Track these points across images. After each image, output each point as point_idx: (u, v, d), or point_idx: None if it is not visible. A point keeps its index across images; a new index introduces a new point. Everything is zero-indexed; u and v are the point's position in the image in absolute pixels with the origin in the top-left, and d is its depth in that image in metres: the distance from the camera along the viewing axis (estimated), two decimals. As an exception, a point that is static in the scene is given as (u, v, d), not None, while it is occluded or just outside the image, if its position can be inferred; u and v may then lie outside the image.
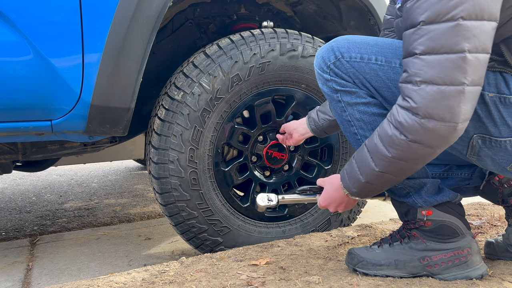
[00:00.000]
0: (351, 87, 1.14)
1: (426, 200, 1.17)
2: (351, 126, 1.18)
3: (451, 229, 1.17)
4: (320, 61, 1.18)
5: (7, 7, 1.28)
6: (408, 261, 1.19)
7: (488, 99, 1.03)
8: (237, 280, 1.24)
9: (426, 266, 1.18)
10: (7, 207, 2.78)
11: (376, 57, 1.12)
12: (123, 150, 2.84)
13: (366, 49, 1.13)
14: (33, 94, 1.34)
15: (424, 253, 1.18)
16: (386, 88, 1.12)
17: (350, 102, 1.15)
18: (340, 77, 1.15)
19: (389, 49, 1.13)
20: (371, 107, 1.14)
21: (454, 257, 1.16)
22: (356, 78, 1.13)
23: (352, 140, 1.21)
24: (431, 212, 1.17)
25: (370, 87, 1.13)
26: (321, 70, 1.18)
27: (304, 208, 1.77)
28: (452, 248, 1.16)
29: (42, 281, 1.62)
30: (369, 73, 1.12)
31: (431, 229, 1.18)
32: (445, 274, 1.16)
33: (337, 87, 1.16)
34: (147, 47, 1.43)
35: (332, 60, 1.15)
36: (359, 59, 1.13)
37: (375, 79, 1.12)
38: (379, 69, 1.12)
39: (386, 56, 1.12)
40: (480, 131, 1.06)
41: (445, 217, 1.17)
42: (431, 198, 1.17)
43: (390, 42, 1.15)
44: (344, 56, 1.13)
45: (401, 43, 1.11)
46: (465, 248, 1.16)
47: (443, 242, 1.17)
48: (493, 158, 1.09)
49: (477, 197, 2.07)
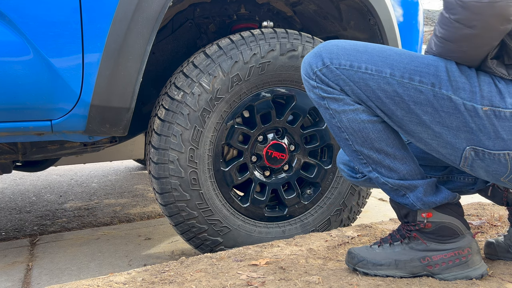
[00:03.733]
0: (337, 94, 1.12)
1: (424, 202, 1.17)
2: (342, 132, 1.16)
3: (451, 230, 1.17)
4: (307, 67, 1.15)
5: (7, 7, 1.28)
6: (408, 261, 1.18)
7: (481, 113, 1.02)
8: (237, 280, 1.24)
9: (427, 266, 1.18)
10: (7, 207, 2.78)
11: (366, 65, 1.09)
12: (123, 150, 2.84)
13: (356, 56, 1.10)
14: (33, 94, 1.34)
15: (425, 253, 1.18)
16: (376, 97, 1.10)
17: (338, 109, 1.14)
18: (326, 84, 1.13)
19: (379, 57, 1.10)
20: (360, 114, 1.12)
21: (455, 257, 1.16)
22: (346, 85, 1.11)
23: (344, 145, 1.19)
24: (431, 214, 1.17)
25: (360, 95, 1.11)
26: (307, 77, 1.16)
27: (304, 208, 1.78)
28: (452, 248, 1.17)
29: (42, 281, 1.62)
30: (358, 82, 1.10)
31: (431, 231, 1.18)
32: (446, 274, 1.16)
33: (323, 94, 1.14)
34: (147, 47, 1.43)
35: (320, 67, 1.12)
36: (348, 67, 1.10)
37: (364, 88, 1.10)
38: (369, 78, 1.09)
39: (377, 65, 1.09)
40: (473, 143, 1.05)
41: (445, 218, 1.17)
42: (429, 200, 1.17)
43: (380, 48, 1.12)
44: (333, 63, 1.11)
45: (391, 50, 1.11)
46: (465, 248, 1.16)
47: (443, 243, 1.17)
48: (487, 169, 1.08)
49: (477, 197, 2.07)
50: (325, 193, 1.80)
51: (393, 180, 1.16)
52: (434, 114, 1.05)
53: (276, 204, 1.81)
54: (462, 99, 1.03)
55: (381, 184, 1.19)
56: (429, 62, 1.07)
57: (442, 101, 1.04)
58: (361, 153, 1.16)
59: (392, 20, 1.84)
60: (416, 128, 1.09)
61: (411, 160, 1.17)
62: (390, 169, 1.16)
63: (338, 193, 1.80)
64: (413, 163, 1.17)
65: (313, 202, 1.79)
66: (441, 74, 1.05)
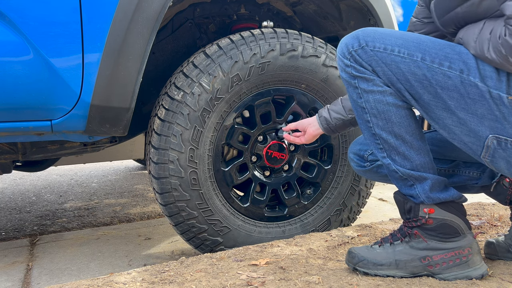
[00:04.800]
0: (369, 75, 1.17)
1: (429, 196, 1.18)
2: (365, 113, 1.20)
3: (453, 228, 1.18)
4: (343, 47, 1.20)
5: (7, 7, 1.28)
6: (409, 261, 1.19)
7: (506, 101, 1.04)
8: (237, 280, 1.24)
9: (427, 266, 1.19)
10: (7, 207, 2.78)
11: (399, 49, 1.13)
12: (123, 150, 2.84)
13: (391, 40, 1.15)
14: (33, 94, 1.34)
15: (425, 253, 1.19)
16: (405, 80, 1.13)
17: (367, 89, 1.18)
18: (359, 64, 1.17)
19: (412, 42, 1.14)
20: (386, 96, 1.16)
21: (455, 257, 1.17)
22: (378, 67, 1.15)
23: (364, 128, 1.22)
24: (433, 210, 1.18)
25: (391, 77, 1.15)
26: (342, 56, 1.20)
27: (304, 208, 1.78)
28: (453, 247, 1.17)
29: (42, 281, 1.62)
30: (390, 64, 1.14)
31: (432, 228, 1.19)
32: (446, 273, 1.17)
33: (355, 73, 1.18)
34: (147, 47, 1.43)
35: (355, 47, 1.17)
36: (382, 50, 1.15)
37: (395, 70, 1.14)
38: (400, 61, 1.13)
39: (409, 49, 1.13)
40: (496, 131, 1.07)
41: (446, 215, 1.18)
42: (434, 195, 1.18)
43: (416, 36, 1.16)
44: (368, 45, 1.15)
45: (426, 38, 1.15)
46: (466, 247, 1.17)
47: (444, 242, 1.18)
48: (508, 160, 1.09)
49: (477, 197, 2.07)
50: (325, 193, 1.80)
51: (404, 169, 1.18)
52: (460, 100, 1.08)
53: (276, 204, 1.81)
54: (488, 87, 1.05)
55: (392, 171, 1.21)
56: (460, 50, 1.10)
57: (469, 87, 1.07)
58: (379, 137, 1.19)
59: (392, 20, 1.85)
60: (441, 113, 1.12)
61: (426, 153, 1.19)
62: (404, 157, 1.18)
63: (338, 193, 1.80)
64: (427, 157, 1.19)
65: (313, 202, 1.79)
66: (470, 62, 1.07)
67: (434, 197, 1.18)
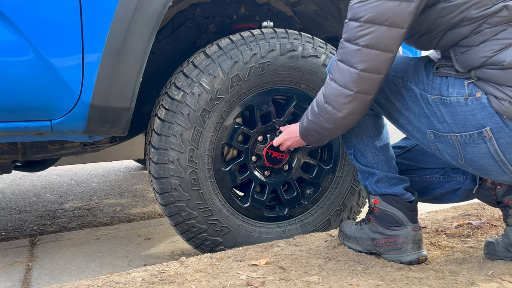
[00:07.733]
0: None
1: (373, 188, 1.41)
2: None
3: (393, 219, 1.37)
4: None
5: (7, 7, 1.28)
6: (364, 239, 1.44)
7: (431, 101, 1.22)
8: (237, 280, 1.24)
9: (376, 246, 1.41)
10: (7, 207, 2.78)
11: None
12: (123, 150, 2.84)
13: None
14: (33, 94, 1.34)
15: (374, 235, 1.41)
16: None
17: None
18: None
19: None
20: None
21: (393, 243, 1.37)
22: None
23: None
24: (378, 201, 1.40)
25: None
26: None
27: (304, 208, 1.78)
28: (392, 235, 1.37)
29: (42, 281, 1.62)
30: None
31: (378, 216, 1.40)
32: (386, 255, 1.38)
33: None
34: (147, 47, 1.43)
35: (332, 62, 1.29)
36: None
37: None
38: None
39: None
40: (430, 127, 1.24)
41: (388, 207, 1.38)
42: (378, 188, 1.40)
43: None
44: None
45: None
46: (401, 236, 1.36)
47: (387, 229, 1.38)
48: (447, 151, 1.25)
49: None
50: (325, 193, 1.80)
51: (360, 164, 1.43)
52: (403, 102, 1.28)
53: (276, 204, 1.81)
54: (419, 90, 1.25)
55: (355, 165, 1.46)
56: (406, 61, 1.31)
57: (407, 91, 1.27)
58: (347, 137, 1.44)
59: (392, 20, 1.84)
60: (395, 114, 1.32)
61: (381, 153, 1.41)
62: (362, 154, 1.42)
63: (338, 193, 1.80)
64: (382, 156, 1.40)
65: (313, 202, 1.79)
66: (409, 70, 1.28)
67: (378, 190, 1.40)
